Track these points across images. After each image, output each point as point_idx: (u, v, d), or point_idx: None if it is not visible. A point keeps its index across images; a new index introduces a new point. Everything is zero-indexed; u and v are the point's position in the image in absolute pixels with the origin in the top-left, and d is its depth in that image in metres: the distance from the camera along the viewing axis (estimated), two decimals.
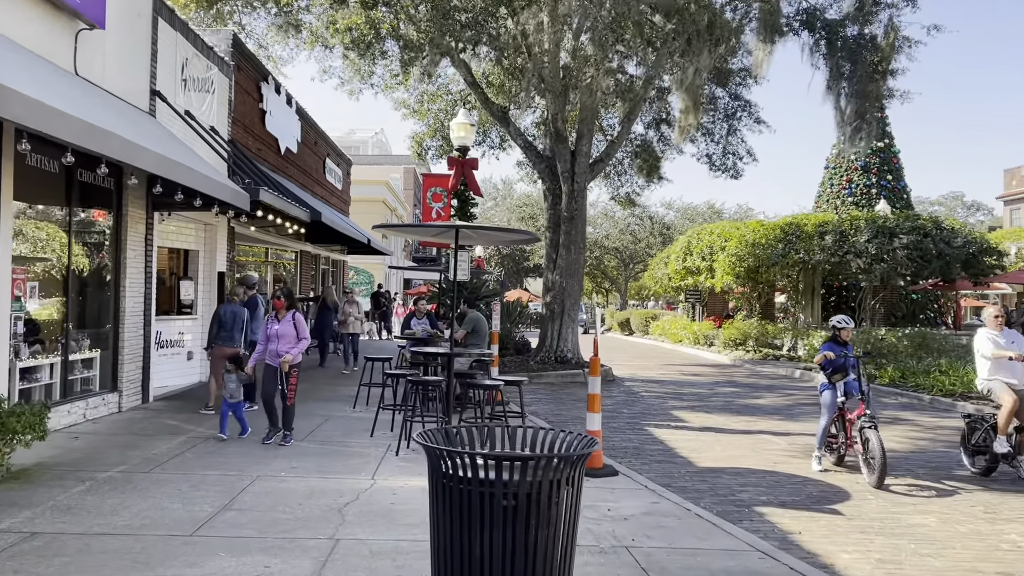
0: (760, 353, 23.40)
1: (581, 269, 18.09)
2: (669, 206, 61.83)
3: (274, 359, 8.53)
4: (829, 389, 8.61)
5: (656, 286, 35.89)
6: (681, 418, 12.31)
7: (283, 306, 8.61)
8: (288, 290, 9.02)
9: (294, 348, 8.48)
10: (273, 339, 8.58)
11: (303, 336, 8.59)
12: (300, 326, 8.62)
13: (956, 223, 23.01)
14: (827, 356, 8.50)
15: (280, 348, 8.49)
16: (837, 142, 15.63)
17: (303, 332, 8.60)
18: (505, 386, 8.97)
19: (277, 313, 8.65)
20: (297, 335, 8.57)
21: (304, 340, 8.60)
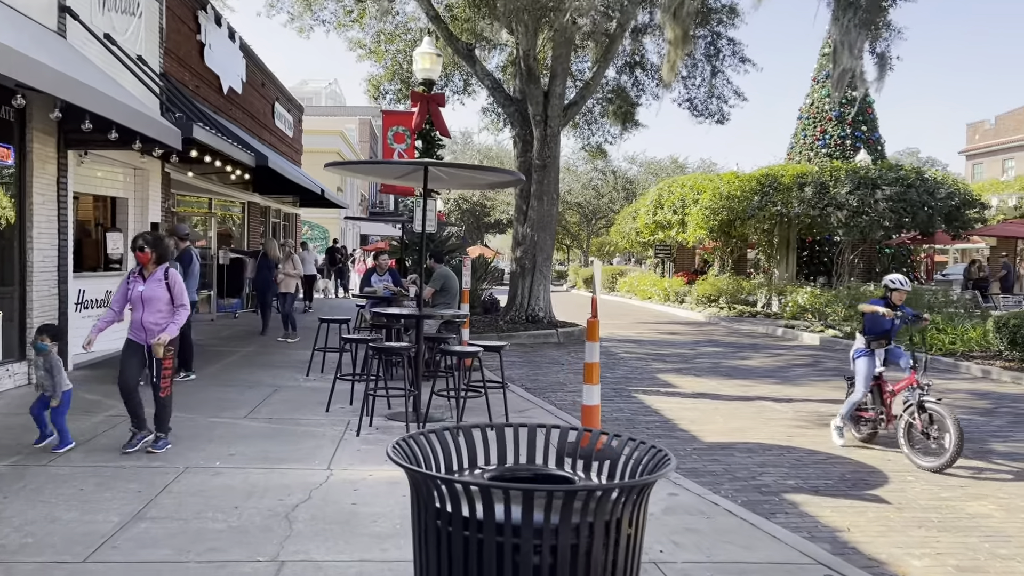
0: (735, 310, 22.50)
1: (554, 222, 16.83)
2: (632, 160, 60.65)
3: (139, 333, 6.16)
4: (866, 356, 7.47)
5: (623, 241, 34.87)
6: (670, 383, 11.23)
7: (149, 259, 6.20)
8: (156, 236, 6.45)
9: (170, 322, 6.14)
10: (136, 305, 6.16)
11: (181, 303, 6.21)
12: (176, 288, 6.19)
13: (939, 174, 22.20)
14: (877, 311, 7.35)
15: (146, 318, 6.13)
16: (836, 81, 14.44)
17: (180, 296, 6.21)
18: (484, 352, 7.73)
19: (143, 269, 6.24)
20: (172, 301, 6.19)
21: (183, 309, 6.23)
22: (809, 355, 14.54)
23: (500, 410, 7.87)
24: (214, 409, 7.88)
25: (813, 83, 29.30)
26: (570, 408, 9.10)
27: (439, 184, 8.18)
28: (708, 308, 23.54)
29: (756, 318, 21.37)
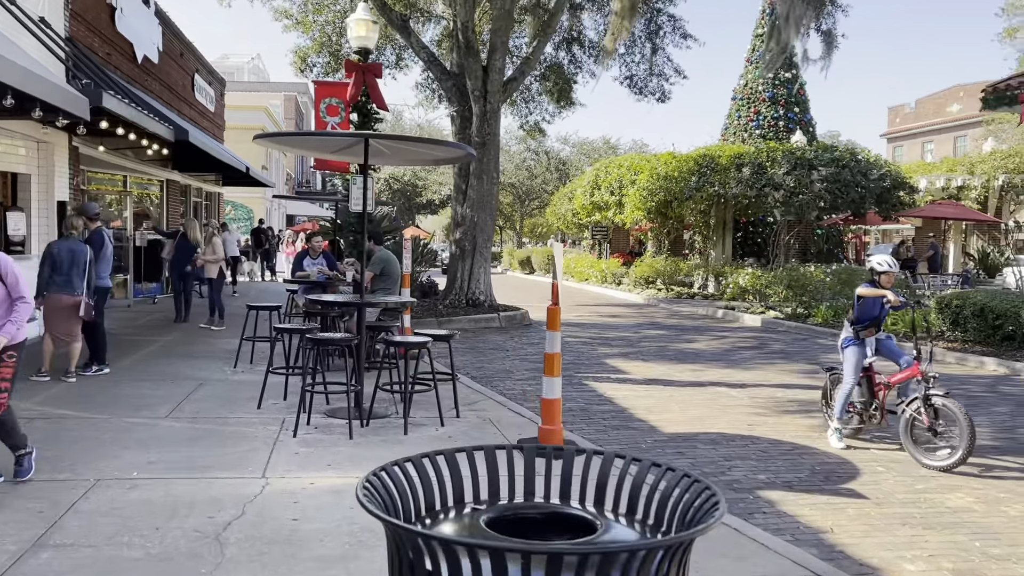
0: (673, 291, 22.40)
1: (495, 201, 16.27)
2: (565, 141, 60.38)
3: None
4: (855, 345, 6.95)
5: (559, 222, 34.56)
6: (619, 368, 10.86)
7: None
8: None
9: (6, 321, 4.87)
10: None
11: (19, 295, 4.91)
12: (10, 277, 4.90)
13: (871, 156, 22.44)
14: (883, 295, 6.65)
15: None
16: (766, 58, 14.22)
17: (18, 288, 4.91)
18: (433, 343, 7.16)
19: None
20: (9, 295, 4.91)
21: (22, 304, 4.92)
22: (753, 337, 14.40)
23: (449, 403, 7.34)
24: (130, 408, 7.12)
25: (747, 64, 29.31)
26: (520, 398, 8.62)
27: (380, 159, 7.54)
28: (646, 290, 23.39)
29: (695, 299, 21.28)
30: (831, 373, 7.42)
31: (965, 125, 44.84)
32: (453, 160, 7.58)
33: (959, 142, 45.61)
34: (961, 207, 24.51)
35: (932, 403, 6.34)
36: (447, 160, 7.99)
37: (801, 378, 10.25)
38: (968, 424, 6.01)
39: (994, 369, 10.70)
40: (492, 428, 6.85)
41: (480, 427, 6.87)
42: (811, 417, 8.00)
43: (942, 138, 46.98)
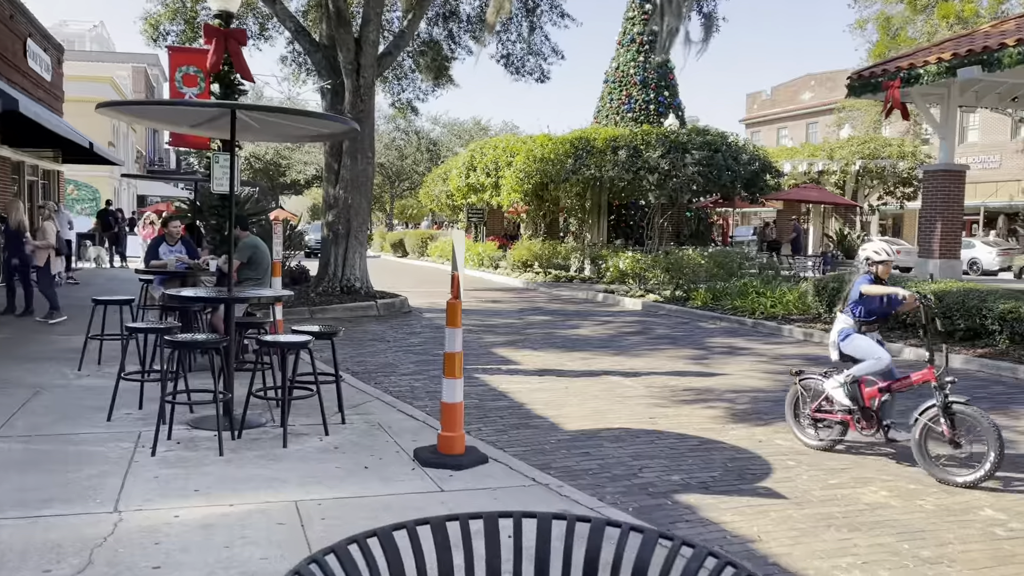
0: (551, 275, 22.22)
1: (370, 182, 15.40)
2: (435, 121, 59.45)
3: None
4: (860, 333, 6.20)
5: (432, 204, 33.81)
6: (508, 358, 10.39)
7: None
8: None
9: None
10: None
11: None
12: None
13: (740, 141, 22.98)
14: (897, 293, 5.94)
15: None
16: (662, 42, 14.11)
17: None
18: (316, 341, 6.40)
19: None
20: None
21: None
22: (636, 321, 14.31)
23: (332, 407, 6.62)
24: None
25: (618, 47, 29.48)
26: (409, 396, 7.99)
27: (248, 135, 6.67)
28: (524, 273, 23.11)
29: (573, 283, 21.17)
30: (801, 377, 6.59)
31: (817, 112, 47.25)
32: (333, 136, 6.81)
33: (811, 129, 48.04)
34: (823, 191, 25.62)
35: (952, 412, 5.65)
36: (326, 136, 7.18)
37: (691, 364, 10.12)
38: (996, 434, 5.41)
39: None
40: (383, 435, 6.19)
41: (370, 434, 6.20)
42: (710, 407, 7.80)
43: (796, 124, 49.34)
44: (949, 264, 15.10)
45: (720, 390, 8.58)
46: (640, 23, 28.72)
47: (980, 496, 5.36)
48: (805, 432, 6.47)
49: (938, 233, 15.09)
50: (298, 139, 7.29)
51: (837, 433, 6.30)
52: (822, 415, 6.34)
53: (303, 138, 7.21)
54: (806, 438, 6.44)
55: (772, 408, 7.76)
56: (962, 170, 15.48)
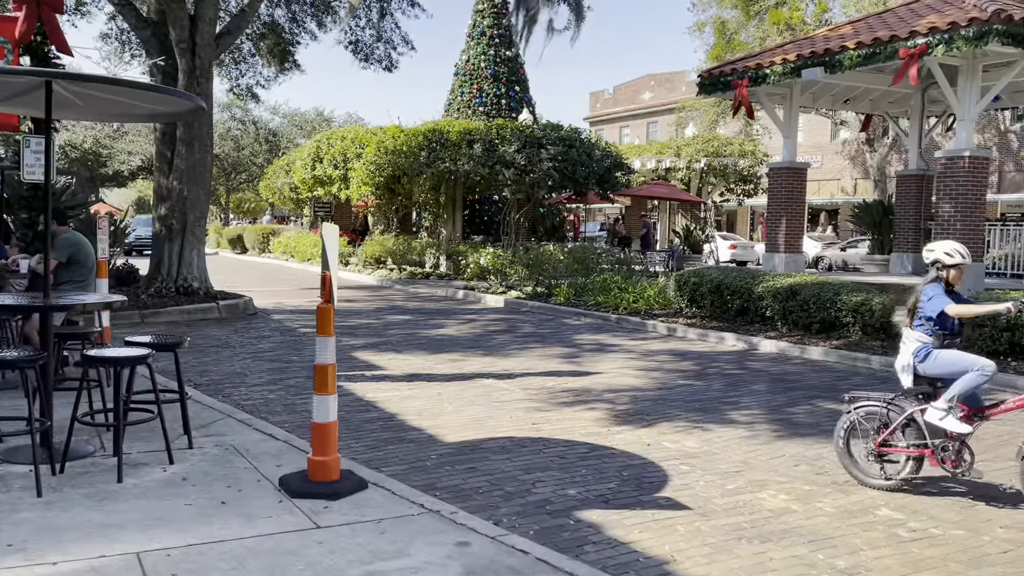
0: (406, 272, 21.50)
1: (209, 172, 14.11)
2: (275, 111, 56.79)
3: None
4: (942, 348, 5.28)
5: (274, 197, 32.13)
6: (372, 363, 9.68)
7: None
8: None
9: None
10: None
11: None
12: None
13: (593, 136, 23.16)
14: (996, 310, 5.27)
15: None
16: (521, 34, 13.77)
17: None
18: (156, 353, 5.48)
19: None
20: None
21: None
22: (501, 319, 13.92)
23: (176, 427, 5.73)
24: None
25: (468, 39, 29.05)
26: (264, 411, 7.16)
27: (69, 113, 5.63)
28: (378, 270, 22.25)
29: (430, 280, 20.57)
30: (857, 405, 5.48)
31: (657, 112, 48.96)
32: (172, 115, 5.89)
33: (652, 127, 49.77)
34: (672, 187, 26.37)
35: None
36: (163, 115, 6.20)
37: (564, 363, 9.81)
38: None
39: (733, 344, 11.10)
40: (240, 460, 5.38)
41: (224, 460, 5.38)
42: (592, 409, 7.48)
43: (637, 123, 50.94)
44: (794, 258, 15.74)
45: (598, 390, 8.30)
46: (490, 16, 28.45)
47: (873, 495, 5.29)
48: (864, 469, 5.40)
49: (783, 228, 15.69)
50: (130, 118, 6.29)
51: (910, 470, 5.28)
52: (890, 449, 5.31)
53: (136, 117, 6.22)
54: (866, 476, 5.38)
55: (652, 407, 7.55)
56: (804, 167, 16.18)
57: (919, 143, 17.08)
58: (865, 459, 5.41)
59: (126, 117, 6.41)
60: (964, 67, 12.77)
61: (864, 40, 12.87)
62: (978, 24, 11.35)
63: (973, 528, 4.74)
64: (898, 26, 12.95)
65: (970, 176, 12.61)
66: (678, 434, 6.67)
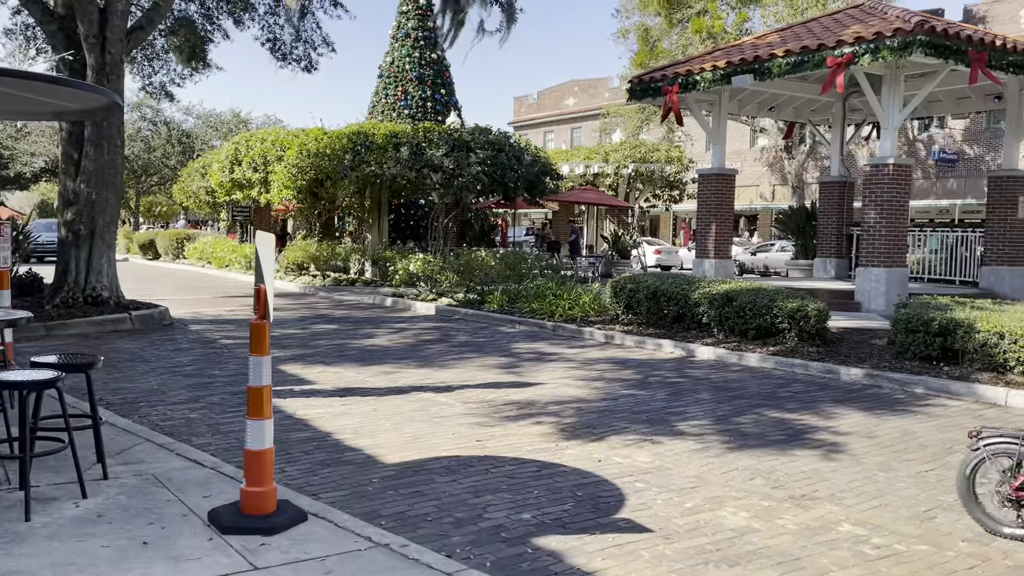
0: (330, 278, 20.85)
1: (119, 175, 13.25)
2: (188, 112, 54.82)
3: None
4: None
5: (189, 201, 30.88)
6: (301, 376, 9.19)
7: None
8: None
9: None
10: None
11: None
12: None
13: (522, 140, 22.98)
14: None
15: None
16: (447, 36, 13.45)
17: None
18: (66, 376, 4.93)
19: None
20: None
21: None
22: (433, 328, 13.53)
23: (89, 455, 5.20)
24: None
25: (392, 41, 28.59)
26: (186, 433, 6.63)
27: None
28: (300, 277, 21.51)
29: (355, 286, 20.00)
30: (987, 442, 4.76)
31: (581, 117, 49.28)
32: (84, 113, 5.35)
33: (576, 133, 50.06)
34: (600, 193, 26.41)
35: None
36: (74, 113, 5.61)
37: (504, 374, 9.52)
38: None
39: (671, 351, 11.02)
40: (163, 492, 4.89)
41: (144, 493, 4.88)
42: (537, 423, 7.21)
43: (561, 128, 51.17)
44: (723, 264, 15.86)
45: (541, 402, 8.04)
46: (415, 18, 28.06)
47: (832, 509, 5.17)
48: (994, 515, 4.71)
49: (713, 234, 15.80)
50: (36, 116, 5.70)
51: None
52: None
53: (44, 115, 5.64)
54: (998, 524, 4.69)
55: (599, 420, 7.33)
56: (732, 173, 16.35)
57: (840, 150, 17.49)
58: (997, 504, 4.72)
59: (32, 115, 5.80)
60: (887, 77, 13.07)
61: (792, 48, 13.03)
62: (903, 35, 11.61)
63: (936, 543, 4.65)
64: (824, 35, 13.17)
65: (894, 183, 12.90)
66: (628, 448, 6.46)
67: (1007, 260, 15.09)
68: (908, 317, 9.24)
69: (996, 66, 12.33)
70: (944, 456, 6.34)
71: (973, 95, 16.27)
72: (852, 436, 6.90)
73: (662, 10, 31.71)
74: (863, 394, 8.58)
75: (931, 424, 7.35)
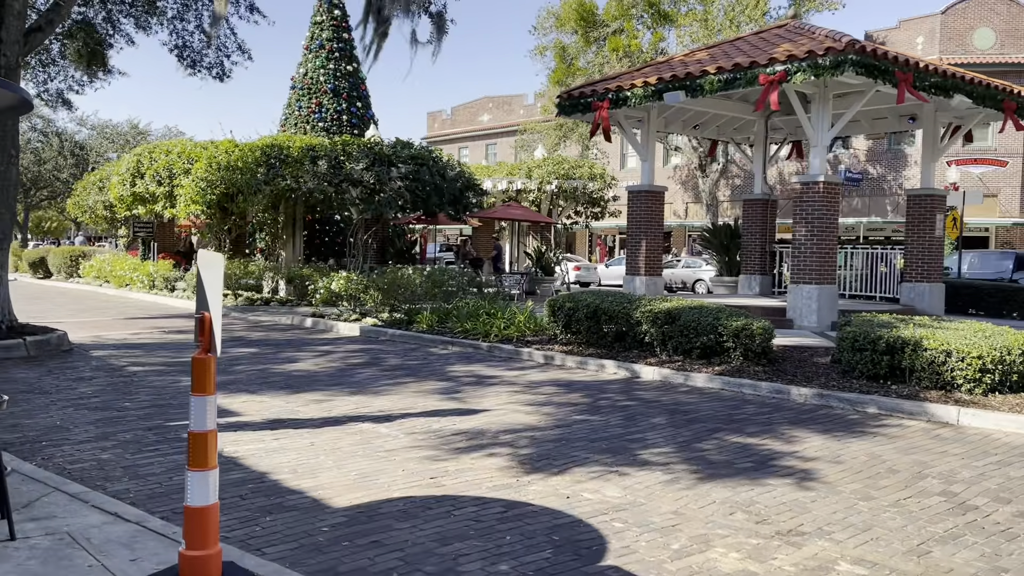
0: (242, 297, 19.79)
1: (14, 188, 12.07)
2: (83, 123, 51.98)
3: None
4: None
5: (84, 216, 29.02)
6: (226, 408, 8.39)
7: None
8: None
9: None
10: None
11: None
12: None
13: (445, 155, 22.47)
14: None
15: None
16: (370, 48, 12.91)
17: None
18: None
19: None
20: None
21: None
22: (361, 350, 12.83)
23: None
24: None
25: (306, 52, 27.68)
26: (100, 478, 5.84)
27: None
28: None
29: (271, 306, 19.02)
30: None
31: (496, 134, 49.14)
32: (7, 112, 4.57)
33: (490, 149, 49.87)
34: (526, 209, 26.11)
35: None
36: None
37: (445, 400, 8.97)
38: None
39: (615, 372, 10.69)
40: (81, 555, 4.16)
41: (60, 557, 4.14)
42: (492, 455, 6.70)
43: (476, 145, 50.89)
44: (653, 281, 15.74)
45: (492, 431, 7.53)
46: (330, 28, 27.28)
47: (824, 546, 4.86)
48: None
49: (643, 251, 15.66)
50: None
51: None
52: None
53: None
54: None
55: (557, 450, 6.88)
56: (662, 190, 16.29)
57: (763, 169, 17.71)
58: None
59: None
60: (816, 95, 13.22)
61: (724, 65, 13.03)
62: (834, 53, 11.72)
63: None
64: (754, 53, 13.23)
65: (824, 200, 13.02)
66: (595, 481, 6.03)
67: (926, 276, 15.51)
68: (854, 335, 9.18)
69: (919, 87, 12.63)
70: (917, 481, 6.16)
71: (889, 116, 16.75)
72: (820, 461, 6.68)
73: (579, 28, 31.89)
74: (816, 415, 8.43)
75: (893, 447, 7.20)
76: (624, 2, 30.58)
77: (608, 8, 31.63)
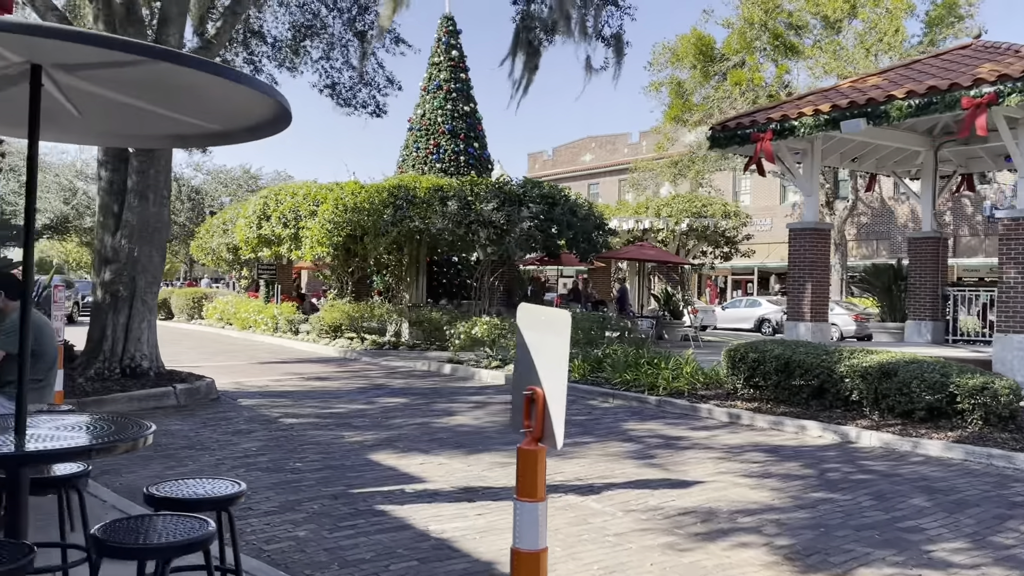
0: (368, 341, 19.26)
1: (166, 230, 11.81)
2: (198, 168, 53.82)
3: None
4: None
5: (207, 258, 29.41)
6: (402, 470, 7.54)
7: None
8: None
9: None
10: None
11: None
12: None
13: (576, 194, 21.68)
14: None
15: None
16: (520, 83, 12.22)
17: None
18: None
19: None
20: None
21: None
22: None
23: None
24: None
25: (423, 93, 27.52)
26: (304, 563, 5.00)
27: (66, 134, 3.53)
28: (337, 340, 19.90)
29: (398, 350, 18.41)
30: None
31: (598, 173, 48.33)
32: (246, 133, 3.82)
33: (593, 188, 49.03)
34: (659, 249, 25.06)
35: None
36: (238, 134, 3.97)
37: (643, 467, 7.89)
38: None
39: (819, 435, 9.39)
40: None
41: None
42: (741, 544, 5.57)
43: (578, 185, 50.16)
44: (819, 327, 14.35)
45: (724, 511, 6.40)
46: (447, 69, 27.07)
47: None
48: None
49: (808, 294, 14.32)
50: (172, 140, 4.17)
51: None
52: None
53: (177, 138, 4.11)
54: None
55: (820, 541, 5.68)
56: (827, 228, 14.97)
57: (932, 204, 16.18)
58: None
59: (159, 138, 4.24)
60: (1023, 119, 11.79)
61: (916, 89, 11.75)
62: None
63: None
64: (949, 75, 11.91)
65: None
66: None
67: None
68: None
69: None
70: None
71: None
72: None
73: (697, 63, 30.85)
74: None
75: None
76: (747, 35, 29.43)
77: (728, 42, 30.55)
